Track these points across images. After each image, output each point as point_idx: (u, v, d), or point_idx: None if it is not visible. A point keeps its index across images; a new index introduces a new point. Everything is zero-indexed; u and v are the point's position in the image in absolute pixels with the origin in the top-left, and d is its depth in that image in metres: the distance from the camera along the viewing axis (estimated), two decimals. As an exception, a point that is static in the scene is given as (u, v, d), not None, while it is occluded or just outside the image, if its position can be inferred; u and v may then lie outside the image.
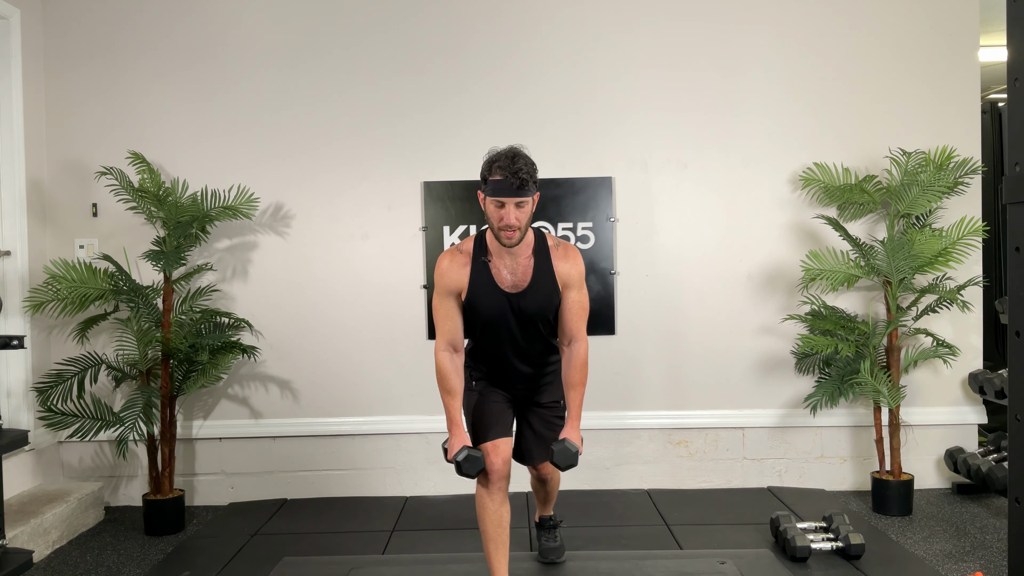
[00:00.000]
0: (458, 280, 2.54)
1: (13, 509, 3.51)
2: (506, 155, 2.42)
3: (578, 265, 2.58)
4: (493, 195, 2.41)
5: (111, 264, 3.73)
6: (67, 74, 4.08)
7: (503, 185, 2.39)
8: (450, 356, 2.55)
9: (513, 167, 2.38)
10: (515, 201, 2.40)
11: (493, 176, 2.41)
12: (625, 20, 4.10)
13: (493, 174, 2.41)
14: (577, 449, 2.51)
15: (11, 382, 3.82)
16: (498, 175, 2.40)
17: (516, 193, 2.38)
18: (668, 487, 4.15)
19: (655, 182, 4.13)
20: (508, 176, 2.37)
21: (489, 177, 2.43)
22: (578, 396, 2.57)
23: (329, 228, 4.13)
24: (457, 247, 2.60)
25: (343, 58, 4.10)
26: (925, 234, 3.74)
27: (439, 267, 2.57)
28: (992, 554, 3.25)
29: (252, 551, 3.41)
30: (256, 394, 4.15)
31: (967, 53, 4.08)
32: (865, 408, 4.09)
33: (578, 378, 2.56)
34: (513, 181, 2.37)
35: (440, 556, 3.17)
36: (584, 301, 2.60)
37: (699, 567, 2.90)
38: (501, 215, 2.41)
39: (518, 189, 2.38)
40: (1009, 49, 1.56)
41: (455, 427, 2.54)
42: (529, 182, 2.40)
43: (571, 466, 2.51)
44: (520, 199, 2.40)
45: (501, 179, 2.39)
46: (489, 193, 2.42)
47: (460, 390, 2.57)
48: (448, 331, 2.56)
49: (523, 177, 2.38)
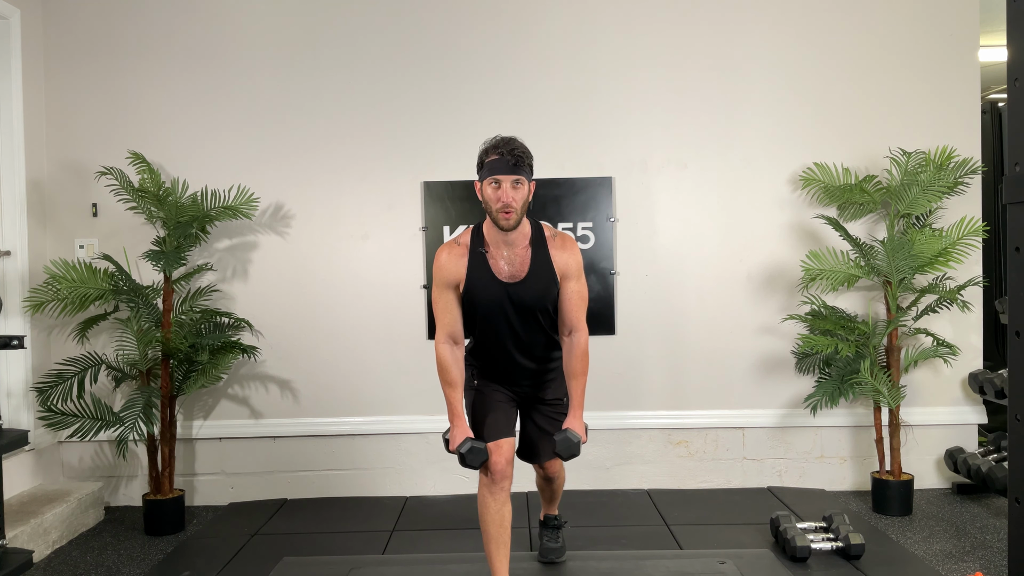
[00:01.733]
0: (456, 272, 2.55)
1: (13, 509, 3.51)
2: (501, 138, 2.48)
3: (576, 255, 2.58)
4: (490, 174, 2.44)
5: (111, 264, 3.73)
6: (67, 74, 4.08)
7: (499, 163, 2.42)
8: (450, 348, 2.56)
9: (509, 146, 2.43)
10: (511, 179, 2.42)
11: (489, 158, 2.45)
12: (625, 20, 4.11)
13: (489, 156, 2.46)
14: (580, 439, 2.51)
15: (11, 382, 3.82)
16: (494, 155, 2.44)
17: (512, 170, 2.41)
18: (668, 487, 4.15)
19: (655, 182, 4.13)
20: (504, 154, 2.42)
21: (485, 160, 2.47)
22: (580, 386, 2.57)
23: (329, 228, 4.13)
24: (455, 239, 2.61)
25: (343, 58, 4.10)
26: (925, 234, 3.74)
27: (438, 260, 2.58)
28: (992, 554, 3.25)
29: (252, 551, 3.41)
30: (256, 394, 4.15)
31: (967, 53, 4.08)
32: (865, 408, 4.09)
33: (579, 368, 2.56)
34: (509, 159, 2.41)
35: (440, 556, 3.17)
36: (583, 291, 2.60)
37: (699, 567, 2.90)
38: (498, 195, 2.43)
39: (514, 166, 2.41)
40: (1009, 49, 1.56)
41: (457, 419, 2.55)
42: (524, 162, 2.44)
43: (573, 455, 2.51)
44: (516, 177, 2.42)
45: (497, 158, 2.43)
46: (486, 173, 2.45)
47: (461, 382, 2.58)
48: (448, 323, 2.57)
49: (518, 155, 2.42)
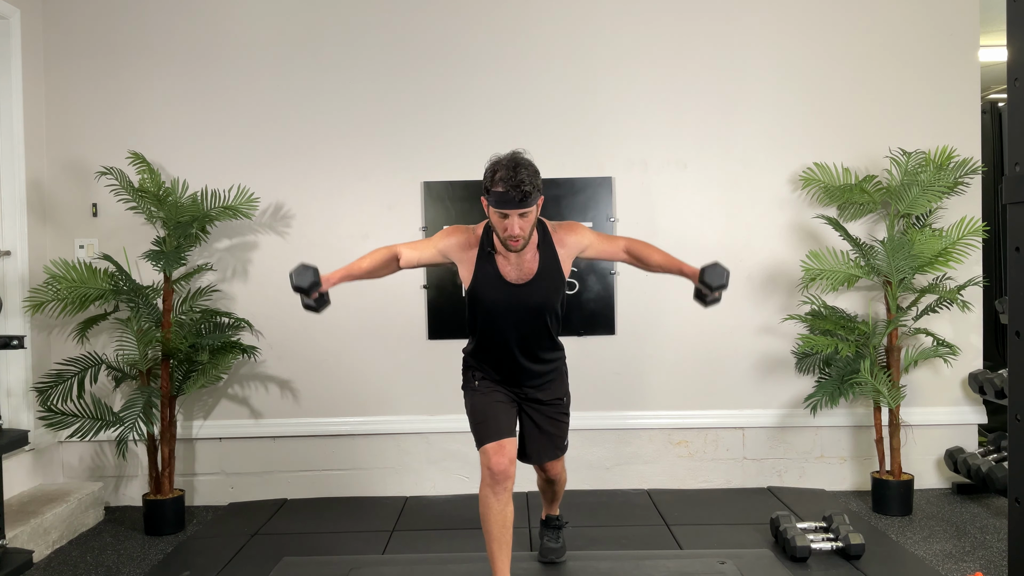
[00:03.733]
0: (458, 257, 2.57)
1: (13, 509, 3.51)
2: (507, 165, 2.38)
3: (585, 231, 2.62)
4: (496, 207, 2.38)
5: (111, 264, 3.73)
6: (67, 74, 4.08)
7: (506, 198, 2.35)
8: (390, 256, 2.53)
9: (516, 179, 2.34)
10: (519, 212, 2.38)
11: (495, 188, 2.38)
12: (625, 20, 4.10)
13: (495, 185, 2.38)
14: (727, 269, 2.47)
15: (11, 382, 3.82)
16: (500, 187, 2.36)
17: (519, 205, 2.36)
18: (668, 487, 4.15)
19: (655, 182, 4.13)
20: (510, 189, 2.34)
21: (491, 188, 2.39)
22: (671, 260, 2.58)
23: (329, 228, 4.13)
24: (472, 228, 2.59)
25: (343, 58, 4.10)
26: (925, 234, 3.74)
27: (450, 232, 2.58)
28: (992, 554, 3.25)
29: (252, 551, 3.41)
30: (256, 394, 4.15)
31: (967, 53, 4.08)
32: (865, 408, 4.09)
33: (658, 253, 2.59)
34: (515, 195, 2.34)
35: (440, 556, 3.17)
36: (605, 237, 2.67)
37: (699, 567, 2.90)
38: (505, 226, 2.40)
39: (520, 202, 2.35)
40: (1009, 49, 1.56)
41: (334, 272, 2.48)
42: (532, 192, 2.36)
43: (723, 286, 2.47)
44: (524, 210, 2.38)
45: (503, 192, 2.35)
46: (492, 204, 2.40)
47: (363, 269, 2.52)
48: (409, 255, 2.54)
49: (526, 190, 2.34)
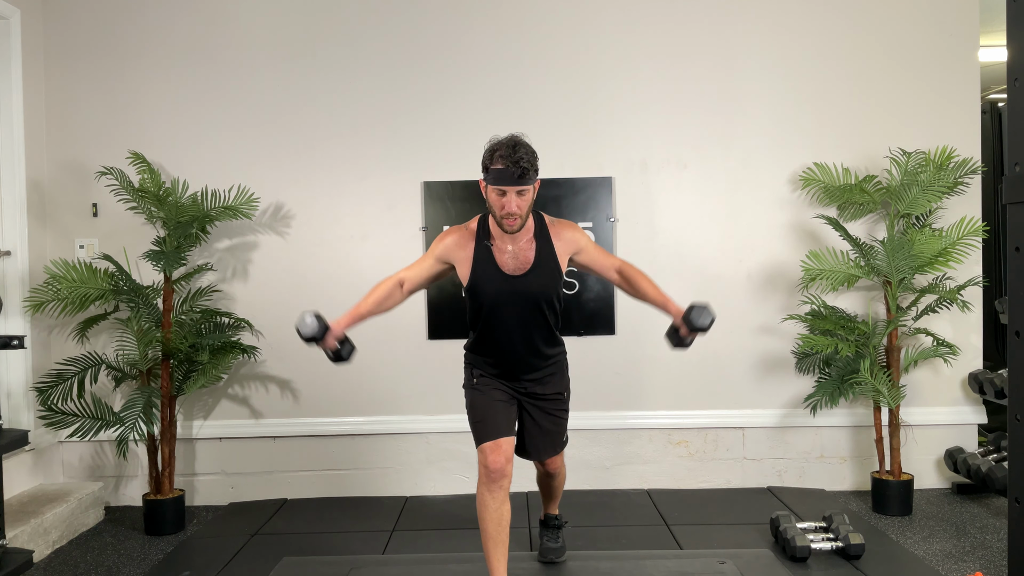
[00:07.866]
0: (455, 256, 2.60)
1: (13, 509, 3.51)
2: (507, 144, 2.45)
3: (581, 232, 2.67)
4: (495, 184, 2.44)
5: (111, 264, 3.73)
6: (67, 74, 4.08)
7: (505, 174, 2.42)
8: (393, 284, 2.58)
9: (514, 156, 2.41)
10: (516, 189, 2.43)
11: (494, 165, 2.44)
12: (625, 20, 4.10)
13: (494, 163, 2.45)
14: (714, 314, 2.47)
15: (11, 382, 3.82)
16: (499, 164, 2.43)
17: (517, 182, 2.42)
18: (668, 487, 4.15)
19: (655, 182, 4.13)
20: (509, 165, 2.41)
21: (491, 166, 2.46)
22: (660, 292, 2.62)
23: (329, 228, 4.13)
24: (465, 225, 2.65)
25: (343, 58, 4.10)
26: (925, 234, 3.74)
27: (444, 237, 2.62)
28: (992, 554, 3.25)
29: (252, 551, 3.41)
30: (256, 394, 4.15)
31: (967, 53, 4.08)
32: (865, 408, 4.08)
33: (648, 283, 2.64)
34: (514, 170, 2.41)
35: (440, 556, 3.17)
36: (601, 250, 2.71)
37: (699, 567, 2.90)
38: (503, 203, 2.45)
39: (519, 178, 2.41)
40: (1009, 49, 1.56)
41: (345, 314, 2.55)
42: (530, 170, 2.43)
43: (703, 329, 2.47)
44: (521, 187, 2.43)
45: (503, 168, 2.42)
46: (491, 182, 2.45)
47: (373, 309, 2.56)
48: (410, 274, 2.60)
49: (524, 166, 2.41)
